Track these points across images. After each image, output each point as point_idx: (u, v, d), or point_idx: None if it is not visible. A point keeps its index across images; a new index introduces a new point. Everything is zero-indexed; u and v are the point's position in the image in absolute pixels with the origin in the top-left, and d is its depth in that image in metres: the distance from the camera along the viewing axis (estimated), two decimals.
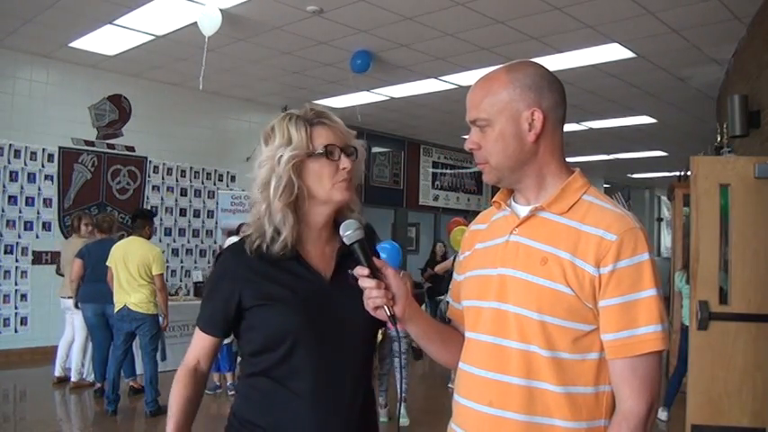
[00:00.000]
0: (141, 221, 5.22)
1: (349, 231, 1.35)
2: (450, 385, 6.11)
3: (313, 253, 1.42)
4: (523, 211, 1.29)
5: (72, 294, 5.61)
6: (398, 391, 4.61)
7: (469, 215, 11.76)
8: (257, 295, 1.35)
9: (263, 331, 1.35)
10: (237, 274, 1.37)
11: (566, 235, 1.21)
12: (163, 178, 8.11)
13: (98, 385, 5.42)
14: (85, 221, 6.00)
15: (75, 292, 5.56)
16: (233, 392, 5.21)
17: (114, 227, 5.77)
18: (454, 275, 1.48)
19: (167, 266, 7.23)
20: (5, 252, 6.81)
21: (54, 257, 7.10)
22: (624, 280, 1.15)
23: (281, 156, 1.34)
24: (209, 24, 5.36)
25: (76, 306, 5.63)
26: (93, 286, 5.30)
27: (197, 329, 1.45)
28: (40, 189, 7.05)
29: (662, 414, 5.07)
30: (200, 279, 7.63)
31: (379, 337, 5.48)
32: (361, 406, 1.38)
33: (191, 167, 8.32)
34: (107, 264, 5.06)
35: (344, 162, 1.38)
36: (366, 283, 1.30)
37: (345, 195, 1.39)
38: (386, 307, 1.30)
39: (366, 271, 1.31)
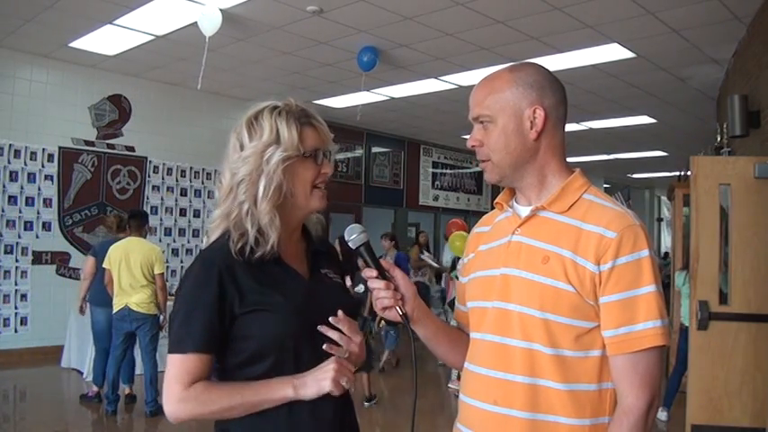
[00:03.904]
0: (138, 221, 5.19)
1: (354, 235, 1.36)
2: (450, 385, 6.11)
3: (289, 253, 1.38)
4: (525, 211, 1.30)
5: (82, 295, 5.45)
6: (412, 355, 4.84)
7: (469, 215, 11.78)
8: (250, 301, 1.27)
9: (258, 339, 1.27)
10: (226, 277, 1.26)
11: (567, 233, 1.22)
12: (163, 178, 8.11)
13: (95, 389, 5.30)
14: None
15: (86, 293, 5.41)
16: None
17: (125, 226, 5.64)
18: (459, 278, 1.50)
19: (167, 266, 7.23)
20: (5, 252, 6.79)
21: (54, 257, 7.12)
22: (624, 276, 1.16)
23: (272, 155, 1.29)
24: (210, 25, 5.35)
25: (81, 311, 5.49)
26: (106, 289, 5.12)
27: (182, 356, 1.23)
28: (39, 189, 7.05)
29: (662, 414, 5.07)
30: None
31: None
32: (347, 401, 1.36)
33: (191, 167, 8.32)
34: (103, 266, 5.03)
35: (327, 167, 1.36)
36: (375, 284, 1.32)
37: (323, 203, 1.37)
38: (397, 307, 1.31)
39: (374, 272, 1.32)
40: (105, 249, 5.23)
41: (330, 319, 1.31)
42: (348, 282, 1.70)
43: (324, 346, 1.29)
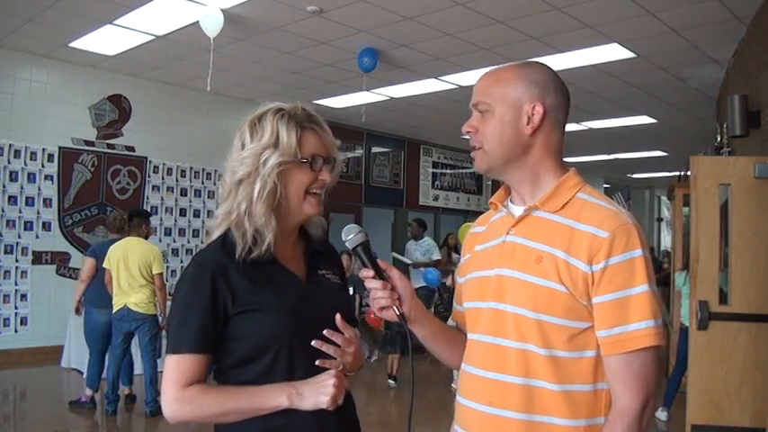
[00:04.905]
0: (138, 221, 5.19)
1: (351, 235, 1.36)
2: (453, 386, 6.12)
3: (285, 255, 1.38)
4: (519, 211, 1.30)
5: (78, 297, 5.37)
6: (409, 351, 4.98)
7: (469, 215, 11.77)
8: (243, 301, 1.27)
9: (251, 339, 1.28)
10: (219, 277, 1.27)
11: (560, 233, 1.21)
12: (163, 178, 8.10)
13: (88, 393, 5.15)
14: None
15: (83, 294, 5.32)
16: None
17: (125, 227, 5.48)
18: (457, 279, 1.50)
19: (167, 266, 7.23)
20: (5, 252, 6.79)
21: (54, 257, 7.12)
22: (617, 276, 1.16)
23: (268, 158, 1.30)
24: (212, 25, 5.35)
25: (77, 311, 5.43)
26: (106, 290, 5.05)
27: (179, 357, 1.25)
28: (39, 189, 7.04)
29: (662, 414, 5.07)
30: None
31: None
32: (347, 401, 1.36)
33: (191, 167, 8.32)
34: (104, 266, 5.01)
35: (325, 174, 1.35)
36: (372, 284, 1.32)
37: (315, 210, 1.37)
38: (395, 307, 1.31)
39: (371, 272, 1.32)
40: (105, 250, 5.19)
41: (325, 331, 1.31)
42: None
43: (317, 362, 1.29)
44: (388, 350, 6.28)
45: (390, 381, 6.27)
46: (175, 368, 1.25)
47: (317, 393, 1.25)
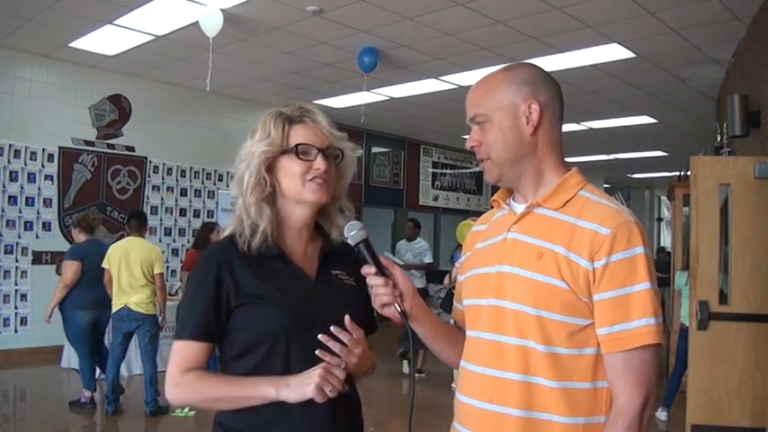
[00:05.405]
0: (137, 221, 5.22)
1: (353, 232, 1.36)
2: (453, 385, 6.12)
3: (295, 252, 1.41)
4: (521, 208, 1.30)
5: (58, 300, 5.09)
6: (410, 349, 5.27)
7: (469, 216, 11.76)
8: (245, 293, 1.32)
9: (249, 331, 1.32)
10: (224, 270, 1.33)
11: (561, 230, 1.22)
12: (163, 178, 8.10)
13: (87, 394, 5.10)
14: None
15: (64, 299, 5.08)
16: None
17: (97, 227, 5.41)
18: (457, 277, 1.50)
19: (167, 266, 7.22)
20: (5, 252, 6.80)
21: (54, 257, 7.11)
22: (618, 273, 1.16)
23: (255, 151, 1.36)
24: (212, 25, 5.36)
25: (48, 319, 5.16)
26: (93, 291, 5.03)
27: (182, 343, 1.32)
28: (39, 189, 7.05)
29: (662, 414, 5.07)
30: None
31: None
32: (346, 401, 1.36)
33: (191, 167, 8.32)
34: (103, 266, 4.98)
35: (318, 163, 1.37)
36: (374, 281, 1.32)
37: (316, 196, 1.37)
38: (396, 304, 1.31)
39: (373, 269, 1.33)
40: (90, 252, 5.14)
41: (332, 328, 1.32)
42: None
43: (317, 352, 1.30)
44: (405, 346, 6.57)
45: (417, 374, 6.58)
46: (179, 353, 1.32)
47: (303, 384, 1.26)
